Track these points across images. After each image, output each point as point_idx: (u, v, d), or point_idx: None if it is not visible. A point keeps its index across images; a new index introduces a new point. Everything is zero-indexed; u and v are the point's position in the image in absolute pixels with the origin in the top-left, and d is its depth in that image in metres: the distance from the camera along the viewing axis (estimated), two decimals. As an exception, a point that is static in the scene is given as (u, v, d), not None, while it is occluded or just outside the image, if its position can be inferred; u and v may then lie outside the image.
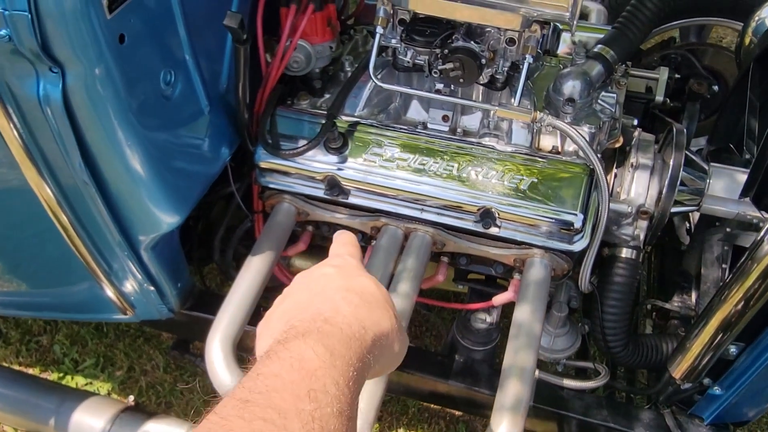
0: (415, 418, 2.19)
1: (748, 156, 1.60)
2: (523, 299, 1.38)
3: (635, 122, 1.65)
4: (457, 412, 2.18)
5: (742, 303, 1.27)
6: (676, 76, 2.09)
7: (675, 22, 2.43)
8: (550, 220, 1.37)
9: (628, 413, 1.59)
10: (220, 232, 1.74)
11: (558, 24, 1.61)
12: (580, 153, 1.41)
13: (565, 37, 1.82)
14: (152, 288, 1.50)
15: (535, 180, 1.38)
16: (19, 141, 1.14)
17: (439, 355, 1.68)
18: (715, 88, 2.10)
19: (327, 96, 1.60)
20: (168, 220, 1.37)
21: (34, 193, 1.25)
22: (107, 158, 1.18)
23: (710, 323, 1.34)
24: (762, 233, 1.20)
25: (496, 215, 1.40)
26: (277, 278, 1.75)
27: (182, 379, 2.24)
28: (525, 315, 1.34)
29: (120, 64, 1.08)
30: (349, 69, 1.62)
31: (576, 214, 1.36)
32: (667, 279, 1.93)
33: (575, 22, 1.26)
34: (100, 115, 1.11)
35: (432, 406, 2.20)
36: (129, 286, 1.49)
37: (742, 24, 1.97)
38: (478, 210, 1.41)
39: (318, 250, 1.79)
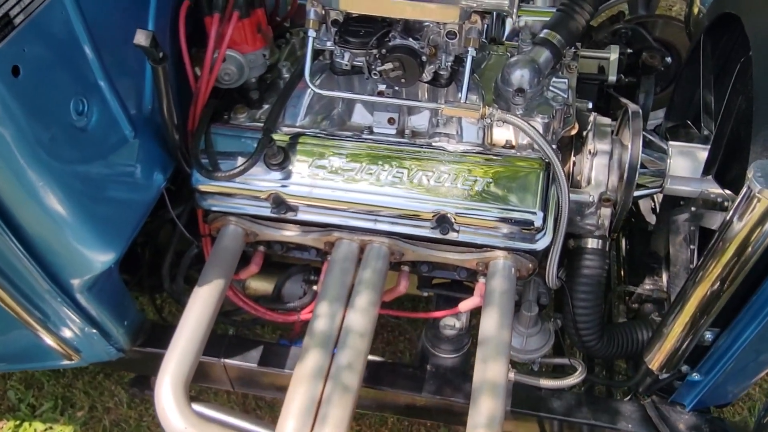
0: (395, 427, 2.12)
1: (706, 132, 1.55)
2: (488, 306, 1.31)
3: (590, 105, 1.59)
4: (437, 418, 2.11)
5: (716, 287, 1.22)
6: (629, 50, 2.04)
7: (622, -4, 2.38)
8: (509, 221, 1.30)
9: (609, 408, 1.53)
10: (168, 259, 1.63)
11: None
12: (535, 146, 1.34)
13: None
14: (95, 330, 1.40)
15: (490, 180, 1.31)
16: None
17: (410, 367, 1.61)
18: (668, 59, 2.06)
19: (266, 107, 1.50)
20: (101, 258, 1.26)
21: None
22: (19, 202, 1.08)
23: (684, 311, 1.29)
24: (730, 213, 1.14)
25: (453, 220, 1.33)
26: (233, 302, 1.66)
27: (148, 413, 2.13)
28: (492, 323, 1.27)
29: (18, 98, 0.97)
30: (287, 75, 1.53)
31: (535, 213, 1.30)
32: (636, 261, 1.88)
33: (515, 10, 1.19)
34: (3, 156, 1.00)
35: (410, 414, 2.14)
36: (68, 331, 1.38)
37: (690, -7, 1.94)
38: (434, 216, 1.33)
39: (274, 267, 1.70)
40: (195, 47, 1.44)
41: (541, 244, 1.35)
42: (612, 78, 1.80)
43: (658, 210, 1.79)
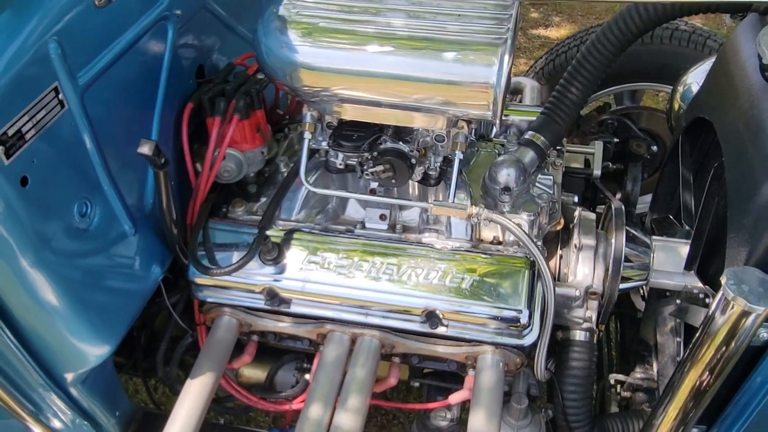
0: None
1: (687, 228, 1.60)
2: (476, 403, 1.32)
3: (576, 199, 1.65)
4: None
5: (702, 383, 1.23)
6: (615, 140, 2.13)
7: (608, 89, 2.49)
8: (496, 318, 1.33)
9: (601, 503, 1.52)
10: (163, 347, 1.65)
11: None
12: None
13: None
14: (85, 422, 1.40)
15: (477, 278, 1.35)
16: None
17: (400, 459, 1.60)
18: (654, 148, 2.14)
19: (263, 200, 1.56)
20: (96, 352, 1.28)
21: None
22: (16, 298, 1.11)
23: (672, 406, 1.30)
24: (712, 309, 1.17)
25: (441, 316, 1.36)
26: (226, 390, 1.66)
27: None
28: (480, 421, 1.28)
29: (25, 205, 1.02)
30: (284, 170, 1.59)
31: (521, 310, 1.33)
32: (627, 348, 1.90)
33: (498, 121, 1.26)
34: (4, 257, 1.04)
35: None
36: (58, 422, 1.38)
37: (671, 87, 2.03)
38: (422, 312, 1.37)
39: (268, 354, 1.71)
40: (197, 143, 1.51)
41: (528, 340, 1.37)
42: (597, 172, 1.86)
43: (646, 297, 1.82)
